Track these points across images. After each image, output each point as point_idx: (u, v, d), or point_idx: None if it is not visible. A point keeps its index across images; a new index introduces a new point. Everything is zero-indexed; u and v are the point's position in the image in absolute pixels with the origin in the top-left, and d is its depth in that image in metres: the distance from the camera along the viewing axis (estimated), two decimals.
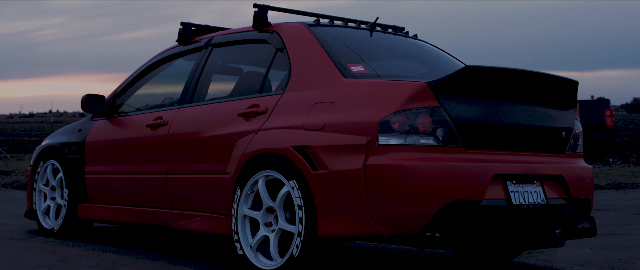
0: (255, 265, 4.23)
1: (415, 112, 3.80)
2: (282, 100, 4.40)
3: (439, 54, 5.22)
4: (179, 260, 4.88)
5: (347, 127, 3.93)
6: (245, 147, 4.40)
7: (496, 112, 4.06)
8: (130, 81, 5.86)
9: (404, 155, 3.78)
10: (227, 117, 4.68)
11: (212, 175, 4.66)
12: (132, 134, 5.49)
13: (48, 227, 6.07)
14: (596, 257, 5.31)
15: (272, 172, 4.21)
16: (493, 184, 3.94)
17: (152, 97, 5.84)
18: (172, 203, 5.03)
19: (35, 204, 6.25)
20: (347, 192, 3.83)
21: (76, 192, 5.86)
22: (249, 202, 4.37)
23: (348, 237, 3.91)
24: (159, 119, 5.22)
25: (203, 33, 5.55)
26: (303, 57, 4.47)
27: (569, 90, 4.41)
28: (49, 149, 6.20)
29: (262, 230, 4.27)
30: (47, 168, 6.19)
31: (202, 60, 5.23)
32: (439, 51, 5.30)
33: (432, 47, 5.33)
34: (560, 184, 4.31)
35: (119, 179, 5.54)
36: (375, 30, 5.05)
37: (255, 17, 4.86)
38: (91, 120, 6.03)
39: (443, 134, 3.84)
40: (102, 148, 5.74)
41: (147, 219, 5.28)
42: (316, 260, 4.00)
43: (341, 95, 4.10)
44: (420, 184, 3.74)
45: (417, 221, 3.73)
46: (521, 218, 4.04)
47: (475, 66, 3.89)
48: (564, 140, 4.43)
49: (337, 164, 3.90)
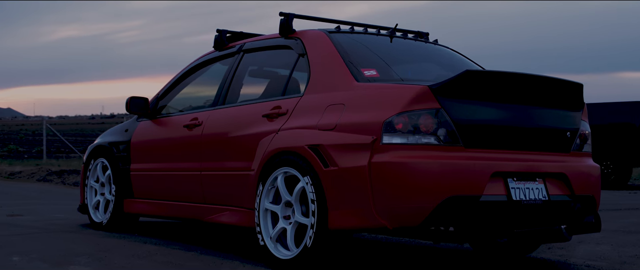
0: (274, 254, 4.56)
1: (417, 113, 4.08)
2: (300, 102, 4.73)
3: (457, 58, 5.47)
4: (209, 251, 5.25)
5: (355, 127, 4.23)
6: (267, 146, 4.74)
7: (496, 113, 4.30)
8: (171, 84, 6.27)
9: (406, 153, 4.06)
10: (253, 117, 5.03)
11: (239, 172, 5.02)
12: (171, 133, 5.89)
13: (97, 221, 6.53)
14: (612, 253, 5.48)
15: (289, 169, 4.54)
16: (493, 181, 4.19)
17: (191, 99, 6.23)
18: (205, 197, 5.41)
19: (86, 199, 6.73)
20: (354, 187, 4.13)
21: (122, 187, 6.30)
22: (270, 197, 4.70)
23: (355, 229, 4.21)
24: (195, 119, 5.60)
25: (237, 39, 5.91)
26: (321, 62, 4.79)
27: (573, 93, 4.62)
28: (99, 147, 6.66)
29: (280, 223, 4.61)
30: (97, 165, 6.66)
31: (234, 65, 5.60)
32: (458, 55, 5.55)
33: (451, 51, 5.58)
34: (563, 181, 4.52)
35: (159, 176, 5.95)
36: (395, 36, 5.33)
37: (281, 24, 5.20)
38: (136, 121, 6.46)
39: (444, 133, 4.11)
40: (145, 146, 6.17)
41: (183, 212, 5.67)
42: (327, 251, 4.30)
43: (352, 98, 4.41)
44: (421, 180, 4.02)
45: (418, 214, 4.01)
46: (521, 213, 4.27)
47: (473, 70, 4.15)
48: (569, 139, 4.65)
49: (345, 161, 4.20)
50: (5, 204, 9.53)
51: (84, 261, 4.72)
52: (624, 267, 4.94)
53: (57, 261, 4.72)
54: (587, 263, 5.08)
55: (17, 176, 18.34)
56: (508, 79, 4.30)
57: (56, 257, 4.86)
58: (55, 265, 4.57)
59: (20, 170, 18.83)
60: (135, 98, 6.21)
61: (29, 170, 18.51)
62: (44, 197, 11.58)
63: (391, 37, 5.28)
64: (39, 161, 22.74)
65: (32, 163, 21.70)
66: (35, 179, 17.39)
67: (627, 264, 5.06)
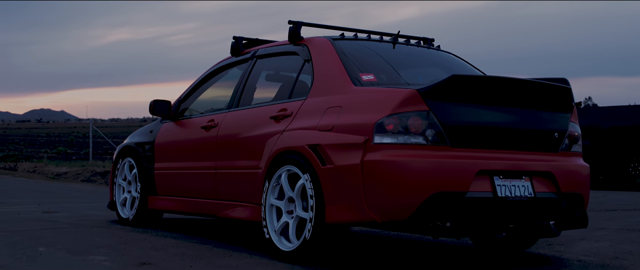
0: (278, 247, 4.91)
1: (406, 114, 4.39)
2: (304, 104, 5.07)
3: (458, 63, 5.75)
4: (223, 244, 5.62)
5: (350, 128, 4.55)
6: (273, 146, 5.09)
7: (483, 115, 4.58)
8: (192, 87, 6.66)
9: (396, 152, 4.37)
10: (262, 119, 5.39)
11: (249, 170, 5.37)
12: (190, 134, 6.28)
13: (124, 216, 6.95)
14: (608, 250, 5.70)
15: (291, 167, 4.87)
16: (479, 178, 4.47)
17: (210, 101, 6.61)
18: (219, 194, 5.77)
19: (115, 196, 7.15)
20: (348, 183, 4.45)
21: (147, 185, 6.71)
22: (275, 193, 5.05)
23: (348, 223, 4.53)
24: (211, 121, 5.98)
25: (253, 45, 6.27)
26: (323, 67, 5.13)
27: (561, 96, 4.88)
28: (126, 148, 7.08)
29: (284, 217, 4.95)
30: (125, 165, 7.08)
31: (247, 70, 5.97)
32: (459, 60, 5.83)
33: (453, 56, 5.87)
34: (550, 180, 4.79)
35: (179, 174, 6.34)
36: (398, 42, 5.64)
37: (289, 32, 5.54)
38: (160, 122, 6.87)
39: (432, 134, 4.40)
40: (167, 147, 6.56)
41: (200, 208, 6.05)
42: (324, 243, 4.63)
43: (348, 101, 4.73)
44: (409, 177, 4.32)
45: (405, 209, 4.31)
46: (507, 209, 4.54)
47: (459, 75, 4.43)
48: (557, 140, 4.91)
49: (340, 160, 4.52)
50: (45, 202, 10.03)
51: (103, 252, 5.12)
52: (614, 262, 5.17)
53: (80, 251, 5.12)
54: (579, 258, 5.32)
55: (62, 177, 18.98)
56: (493, 83, 4.57)
57: (79, 248, 5.26)
58: (76, 255, 4.97)
59: (66, 171, 19.47)
60: (158, 101, 6.61)
61: (75, 171, 19.15)
62: (84, 196, 12.08)
63: (394, 43, 5.59)
64: (85, 162, 23.36)
65: (78, 164, 22.34)
66: (80, 179, 18.01)
67: (618, 259, 5.29)
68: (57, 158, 28.73)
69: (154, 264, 4.65)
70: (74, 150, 38.93)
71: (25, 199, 10.76)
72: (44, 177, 19.46)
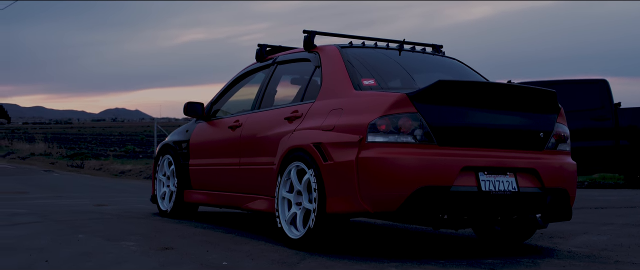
0: (288, 235, 5.46)
1: (396, 116, 4.89)
2: (312, 106, 5.61)
3: (460, 68, 6.21)
4: (245, 233, 6.21)
5: (348, 128, 5.07)
6: (284, 144, 5.64)
7: (469, 116, 5.04)
8: (223, 90, 7.28)
9: (386, 149, 4.87)
10: (277, 120, 5.95)
11: (266, 166, 5.94)
12: (219, 133, 6.89)
13: (163, 209, 7.61)
14: (603, 243, 6.02)
15: (299, 163, 5.42)
16: (464, 174, 4.94)
17: (237, 103, 7.21)
18: (243, 188, 6.36)
19: (156, 190, 7.80)
20: (345, 177, 4.97)
21: (183, 180, 7.34)
22: (286, 187, 5.60)
23: (345, 213, 5.04)
24: (237, 121, 6.57)
25: (275, 52, 6.84)
26: (330, 72, 5.66)
27: (545, 99, 5.31)
28: (166, 145, 7.74)
29: (293, 208, 5.50)
30: (165, 161, 7.73)
31: (269, 74, 6.55)
32: (462, 65, 6.29)
33: (457, 62, 6.33)
34: (534, 176, 5.23)
35: (209, 170, 6.95)
36: (404, 49, 6.14)
37: (304, 40, 6.09)
38: (195, 123, 7.51)
39: (420, 133, 4.89)
40: (200, 145, 7.19)
41: (227, 201, 6.65)
42: (326, 231, 5.15)
43: (348, 103, 5.25)
44: (397, 172, 4.82)
45: (394, 201, 4.81)
46: (491, 202, 5.00)
47: (445, 80, 4.92)
48: (542, 139, 5.34)
49: (339, 156, 5.05)
50: (99, 197, 10.80)
51: (134, 238, 5.74)
52: (602, 253, 5.54)
53: (114, 238, 5.76)
54: (571, 249, 5.71)
55: (126, 174, 19.88)
56: (476, 88, 5.04)
57: (114, 235, 5.91)
58: (110, 240, 5.61)
59: (131, 169, 20.41)
60: (192, 103, 7.25)
61: (138, 169, 20.05)
62: (138, 191, 12.84)
63: (399, 50, 6.09)
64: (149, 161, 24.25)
65: (142, 162, 23.26)
66: (142, 176, 18.87)
67: (607, 250, 5.65)
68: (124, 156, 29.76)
69: (175, 249, 5.25)
70: (142, 148, 40.10)
71: (81, 194, 11.57)
72: (108, 174, 20.41)
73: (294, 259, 4.94)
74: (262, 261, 4.84)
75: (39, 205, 8.87)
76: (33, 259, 4.78)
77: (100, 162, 24.08)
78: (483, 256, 5.31)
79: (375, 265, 4.73)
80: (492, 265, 4.88)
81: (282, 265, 4.71)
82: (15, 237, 5.78)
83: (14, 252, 5.04)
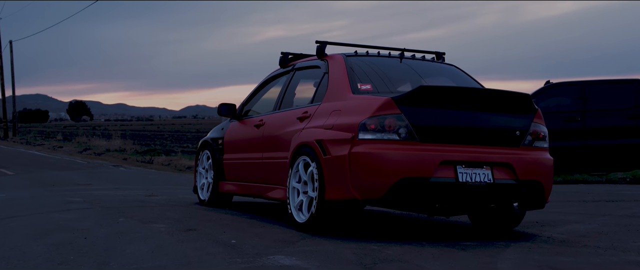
0: (296, 219, 6.30)
1: (383, 116, 5.67)
2: (319, 108, 6.43)
3: (457, 74, 6.94)
4: (265, 219, 7.07)
5: (344, 127, 5.87)
6: (295, 141, 6.47)
7: (448, 116, 5.76)
8: (252, 92, 8.19)
9: (374, 145, 5.65)
10: (292, 119, 6.79)
11: (281, 160, 6.80)
12: (247, 131, 7.78)
13: (202, 198, 8.55)
14: (586, 231, 6.55)
15: (306, 157, 6.24)
16: (443, 167, 5.68)
17: (263, 104, 8.09)
18: (265, 179, 7.22)
19: (197, 181, 8.74)
20: (340, 169, 5.77)
21: (218, 172, 8.26)
22: (296, 178, 6.43)
23: (339, 200, 5.83)
24: (261, 120, 7.45)
25: (296, 59, 7.69)
26: (335, 78, 6.47)
27: (521, 101, 6.01)
28: (205, 142, 8.68)
29: (300, 196, 6.33)
30: (204, 156, 8.67)
31: (288, 79, 7.40)
32: (460, 72, 7.02)
33: (456, 68, 7.07)
34: (509, 169, 5.93)
35: (239, 163, 7.85)
36: (405, 57, 6.91)
37: (317, 49, 6.92)
38: (229, 121, 8.41)
39: (404, 132, 5.66)
40: (232, 141, 8.10)
41: (252, 191, 7.52)
42: (326, 216, 5.96)
43: (345, 105, 6.06)
44: (382, 165, 5.59)
45: (379, 190, 5.59)
46: (467, 192, 5.73)
47: (426, 85, 5.67)
48: (518, 137, 6.04)
49: (335, 151, 5.85)
50: (154, 188, 11.80)
51: (167, 222, 6.65)
52: (578, 239, 6.12)
53: (149, 221, 6.68)
54: (552, 236, 6.33)
55: (191, 169, 20.90)
56: (454, 93, 5.78)
57: (150, 219, 6.84)
58: (144, 223, 6.53)
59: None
60: (225, 104, 8.16)
61: None
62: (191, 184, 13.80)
63: (401, 58, 6.86)
64: None
65: None
66: None
67: (585, 237, 6.23)
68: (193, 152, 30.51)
69: (197, 230, 6.13)
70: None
71: (138, 186, 12.60)
72: (174, 169, 21.47)
73: (294, 238, 5.77)
74: (266, 240, 5.67)
75: (95, 196, 9.88)
76: (75, 236, 5.73)
77: (169, 158, 25.03)
78: (464, 239, 6.04)
79: (362, 244, 5.51)
80: (465, 246, 5.62)
81: (281, 243, 5.53)
82: (67, 220, 6.76)
83: (62, 231, 6.01)
